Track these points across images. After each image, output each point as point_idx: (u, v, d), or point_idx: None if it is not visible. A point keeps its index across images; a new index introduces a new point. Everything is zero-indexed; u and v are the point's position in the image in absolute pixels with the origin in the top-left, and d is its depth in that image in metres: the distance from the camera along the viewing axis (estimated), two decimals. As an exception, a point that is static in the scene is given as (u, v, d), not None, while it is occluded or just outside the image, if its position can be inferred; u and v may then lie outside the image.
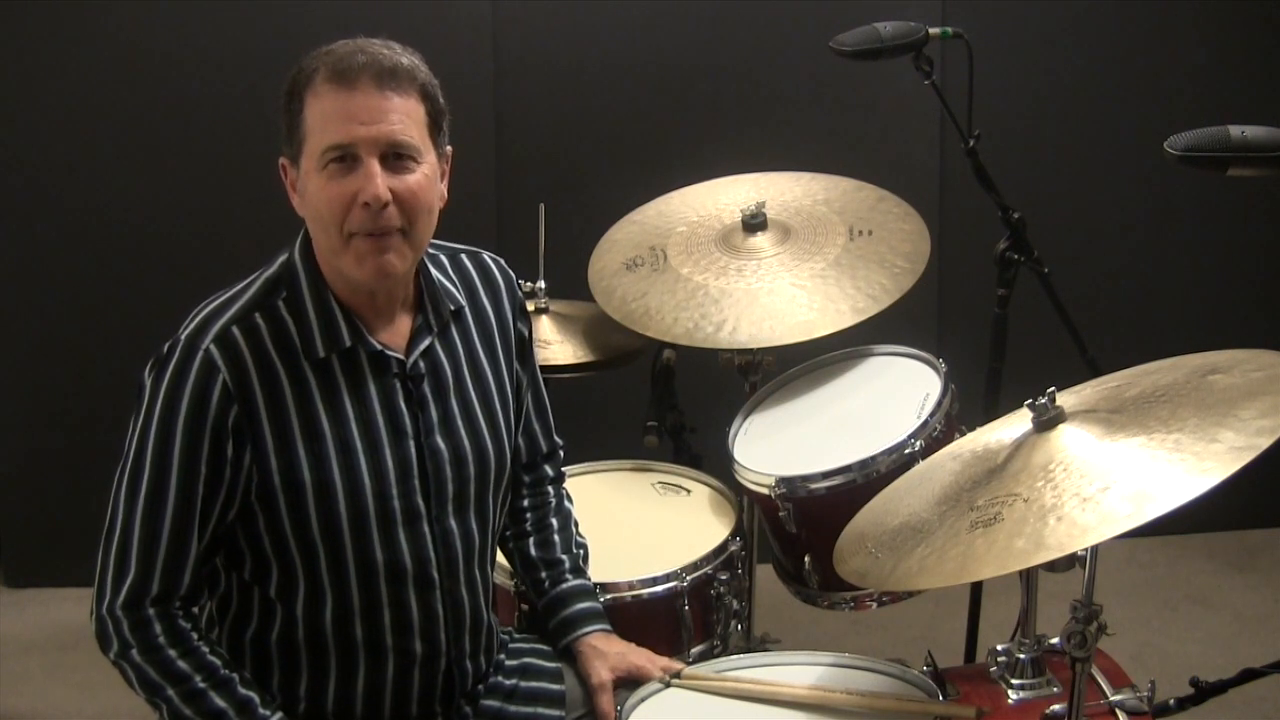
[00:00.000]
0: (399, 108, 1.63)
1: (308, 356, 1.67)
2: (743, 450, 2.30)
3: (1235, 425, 1.41)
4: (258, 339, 1.65)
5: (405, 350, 1.74)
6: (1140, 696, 1.72)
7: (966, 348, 2.63)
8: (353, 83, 1.61)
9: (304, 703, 1.75)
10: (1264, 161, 1.73)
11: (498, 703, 1.88)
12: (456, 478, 1.77)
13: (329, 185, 1.62)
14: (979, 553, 1.44)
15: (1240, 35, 3.59)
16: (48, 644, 3.31)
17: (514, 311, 1.91)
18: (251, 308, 1.67)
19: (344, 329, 1.69)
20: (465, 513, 1.79)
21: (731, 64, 3.51)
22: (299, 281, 1.70)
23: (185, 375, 1.62)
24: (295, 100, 1.64)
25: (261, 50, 3.25)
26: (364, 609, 1.72)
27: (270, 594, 1.71)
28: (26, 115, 3.38)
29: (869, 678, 1.80)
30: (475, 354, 1.83)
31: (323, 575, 1.69)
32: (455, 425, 1.78)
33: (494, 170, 3.49)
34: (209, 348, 1.62)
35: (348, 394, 1.70)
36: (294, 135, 1.65)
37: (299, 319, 1.68)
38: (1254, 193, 3.40)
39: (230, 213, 3.38)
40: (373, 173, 1.61)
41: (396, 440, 1.72)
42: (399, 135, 1.63)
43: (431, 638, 1.77)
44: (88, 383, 3.47)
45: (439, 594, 1.76)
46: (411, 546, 1.73)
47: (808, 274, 2.42)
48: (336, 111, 1.61)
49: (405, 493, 1.72)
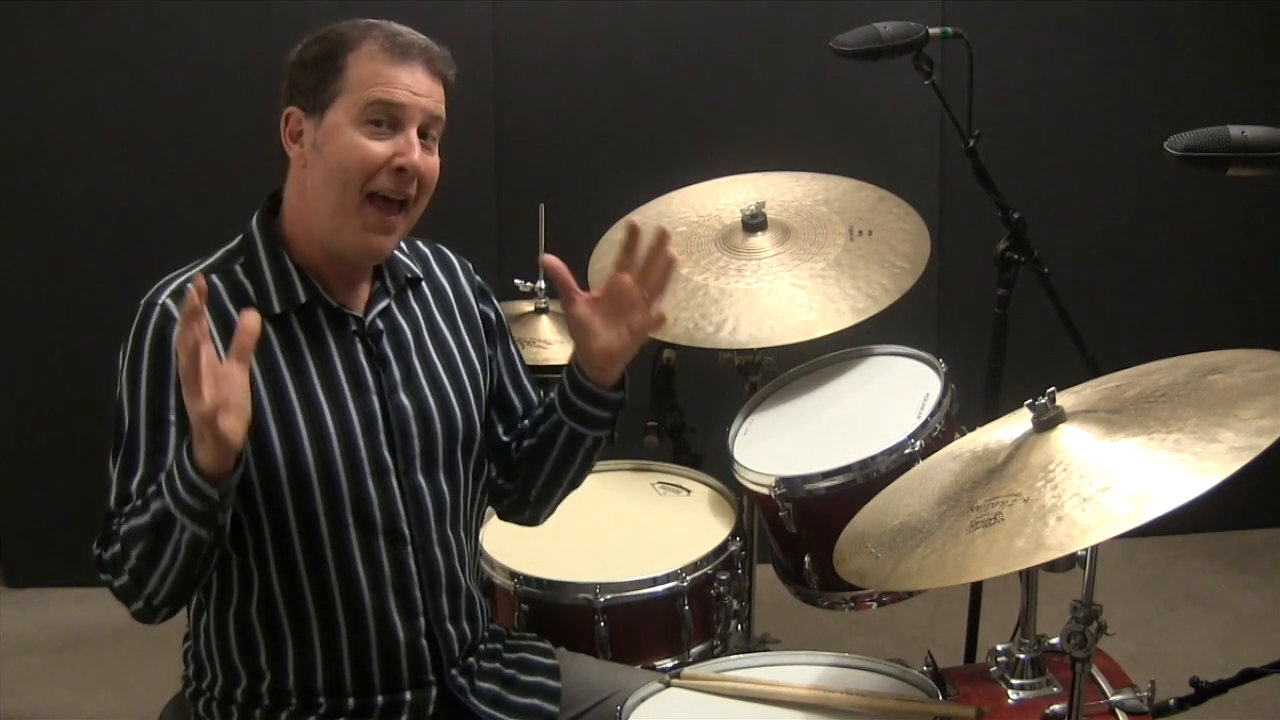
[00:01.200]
0: (437, 91, 1.72)
1: (265, 313, 1.68)
2: (743, 450, 2.30)
3: (1235, 425, 1.40)
4: (215, 295, 1.70)
5: (364, 311, 1.78)
6: (1140, 696, 1.72)
7: (966, 348, 2.63)
8: (408, 57, 1.68)
9: (293, 676, 1.75)
10: (1264, 161, 1.73)
11: (496, 686, 1.87)
12: (423, 435, 1.78)
13: (366, 141, 1.66)
14: (979, 553, 1.43)
15: (1240, 35, 3.59)
16: (48, 644, 3.31)
17: (474, 292, 1.94)
18: (208, 271, 1.72)
19: (299, 286, 1.73)
20: (434, 470, 1.80)
21: (731, 64, 3.51)
22: (255, 245, 1.75)
23: (144, 331, 1.67)
24: (333, 59, 1.68)
25: (261, 48, 3.24)
26: (337, 563, 1.72)
27: (248, 560, 1.71)
28: (25, 115, 3.38)
29: (869, 678, 1.80)
30: (435, 322, 1.86)
31: (292, 529, 1.70)
32: (419, 384, 1.80)
33: (494, 170, 3.49)
34: (164, 301, 1.68)
35: (309, 350, 1.73)
36: (323, 88, 1.68)
37: (255, 280, 1.73)
38: (1254, 193, 3.40)
39: (231, 214, 3.36)
40: (414, 141, 1.68)
41: (359, 394, 1.74)
42: (438, 111, 1.71)
43: (407, 594, 1.77)
44: (87, 383, 3.44)
45: (411, 550, 1.77)
46: (381, 499, 1.74)
47: (808, 274, 2.42)
48: (390, 76, 1.67)
49: (371, 445, 1.74)
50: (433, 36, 1.75)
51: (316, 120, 1.69)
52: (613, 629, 2.02)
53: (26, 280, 3.47)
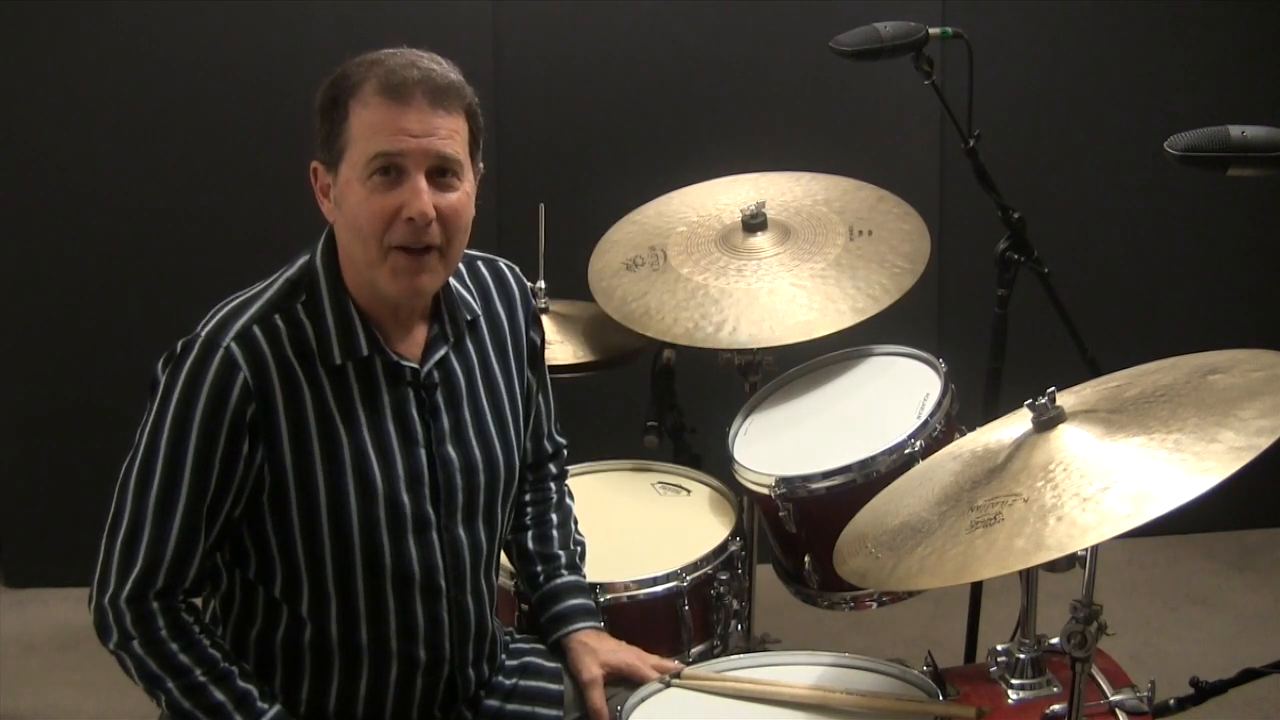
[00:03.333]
0: (448, 125, 1.62)
1: (324, 362, 1.66)
2: (743, 450, 2.30)
3: (1235, 425, 1.41)
4: (277, 340, 1.65)
5: (420, 359, 1.74)
6: (1140, 696, 1.72)
7: (966, 348, 2.63)
8: (407, 98, 1.60)
9: (305, 705, 1.75)
10: (1264, 161, 1.73)
11: (497, 702, 1.88)
12: (466, 486, 1.77)
13: (372, 197, 1.61)
14: (979, 553, 1.44)
15: (1240, 35, 3.59)
16: (48, 644, 3.31)
17: (527, 320, 1.91)
18: (271, 309, 1.67)
19: (362, 338, 1.69)
20: (474, 522, 1.79)
21: (731, 64, 3.51)
22: (319, 286, 1.69)
23: (204, 371, 1.61)
24: (339, 108, 1.63)
25: (265, 48, 3.24)
26: (370, 614, 1.72)
27: (275, 595, 1.71)
28: (27, 114, 3.38)
29: (869, 678, 1.80)
30: (489, 363, 1.83)
31: (329, 579, 1.69)
32: (466, 434, 1.78)
33: (494, 170, 3.48)
34: (230, 345, 1.62)
35: (361, 401, 1.69)
36: (334, 142, 1.64)
37: (317, 324, 1.67)
38: (1253, 193, 3.40)
39: (233, 214, 3.38)
40: (420, 188, 1.60)
41: (408, 448, 1.72)
42: (447, 149, 1.62)
43: (436, 645, 1.77)
44: (88, 383, 3.47)
45: (445, 602, 1.77)
46: (420, 554, 1.73)
47: (808, 274, 2.42)
48: (387, 123, 1.60)
49: (416, 500, 1.72)
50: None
51: (334, 175, 1.65)
52: (613, 629, 2.01)
53: (26, 280, 3.46)
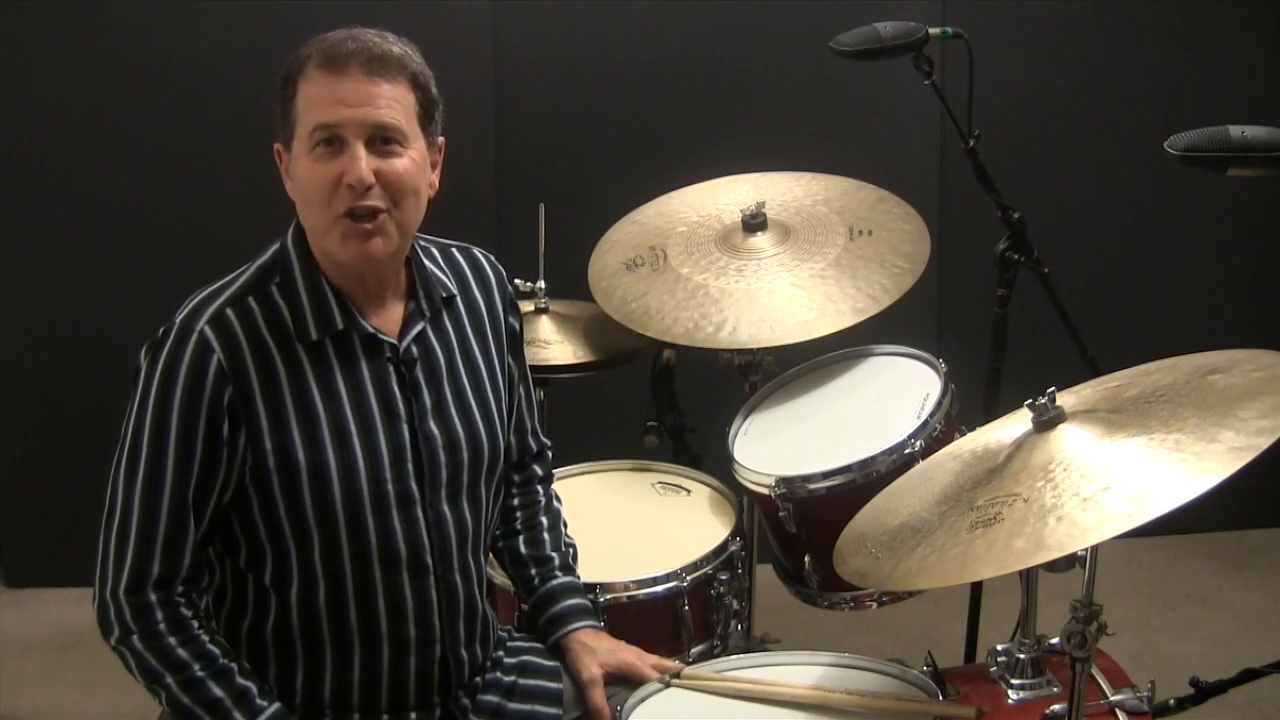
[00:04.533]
0: (387, 94, 1.65)
1: (301, 339, 1.68)
2: (743, 450, 2.30)
3: (1235, 425, 1.41)
4: (251, 321, 1.67)
5: (398, 335, 1.76)
6: (1140, 696, 1.72)
7: (966, 348, 2.63)
8: (342, 68, 1.64)
9: (300, 694, 1.75)
10: (1264, 161, 1.73)
11: (496, 698, 1.88)
12: (450, 463, 1.78)
13: (315, 166, 1.65)
14: (979, 553, 1.44)
15: (1240, 35, 3.59)
16: (48, 644, 3.31)
17: (505, 305, 1.92)
18: (245, 292, 1.70)
19: (336, 311, 1.71)
20: (459, 499, 1.80)
21: (731, 64, 3.51)
22: (291, 266, 1.72)
23: (180, 356, 1.64)
24: (289, 86, 1.67)
25: (259, 46, 3.25)
26: (358, 594, 1.73)
27: (265, 582, 1.71)
28: (22, 113, 3.38)
29: (869, 678, 1.80)
30: (467, 342, 1.85)
31: (316, 560, 1.70)
32: (448, 411, 1.79)
33: (494, 170, 3.49)
34: (203, 329, 1.65)
35: (341, 377, 1.71)
36: (286, 120, 1.68)
37: (292, 302, 1.70)
38: (1253, 193, 3.39)
39: (229, 211, 3.37)
40: (357, 155, 1.63)
41: (390, 424, 1.73)
42: (385, 118, 1.65)
43: (426, 623, 1.77)
44: (87, 382, 3.47)
45: (433, 579, 1.77)
46: (405, 531, 1.74)
47: (808, 274, 2.42)
48: (325, 95, 1.63)
49: (399, 476, 1.73)
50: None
51: (289, 154, 1.69)
52: (613, 629, 2.01)
53: (26, 281, 3.46)
